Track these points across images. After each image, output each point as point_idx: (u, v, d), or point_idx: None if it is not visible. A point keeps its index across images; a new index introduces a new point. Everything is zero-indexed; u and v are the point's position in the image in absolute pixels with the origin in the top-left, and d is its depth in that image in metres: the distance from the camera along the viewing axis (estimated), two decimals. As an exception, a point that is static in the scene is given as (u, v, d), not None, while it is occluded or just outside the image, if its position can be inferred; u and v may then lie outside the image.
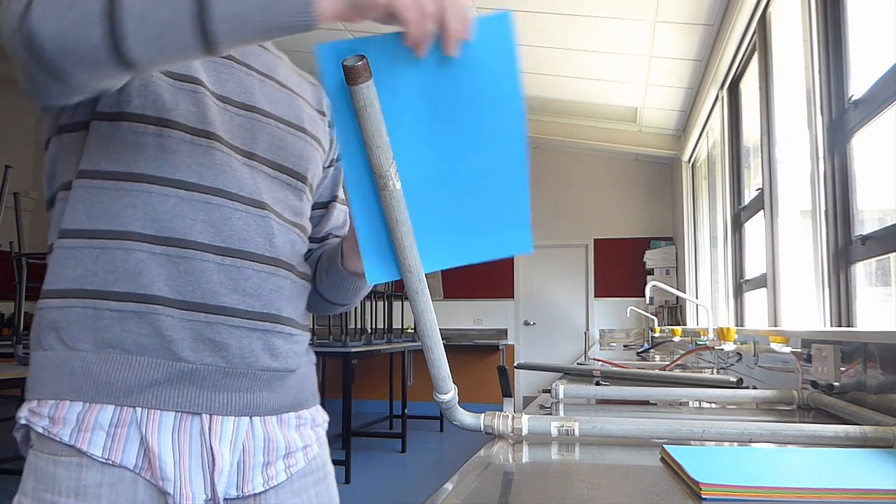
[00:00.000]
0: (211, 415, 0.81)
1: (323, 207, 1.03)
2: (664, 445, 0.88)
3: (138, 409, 0.77)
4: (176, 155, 0.80)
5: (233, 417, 0.82)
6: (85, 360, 0.77)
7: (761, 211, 3.16)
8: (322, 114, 1.02)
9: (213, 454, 0.80)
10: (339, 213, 1.05)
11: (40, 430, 0.77)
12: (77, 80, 0.69)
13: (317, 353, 1.00)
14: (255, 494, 0.85)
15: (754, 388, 1.60)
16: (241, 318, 0.82)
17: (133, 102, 0.79)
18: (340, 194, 1.06)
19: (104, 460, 0.76)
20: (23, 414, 0.79)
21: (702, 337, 3.23)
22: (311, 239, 1.01)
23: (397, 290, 6.33)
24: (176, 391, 0.79)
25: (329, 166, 1.03)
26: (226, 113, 0.85)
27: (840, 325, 2.08)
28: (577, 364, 2.24)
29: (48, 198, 0.85)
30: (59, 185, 0.83)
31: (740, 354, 2.38)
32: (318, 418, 0.96)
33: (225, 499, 0.82)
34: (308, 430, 0.93)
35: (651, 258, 7.24)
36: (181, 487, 0.78)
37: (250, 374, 0.83)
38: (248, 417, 0.84)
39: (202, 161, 0.81)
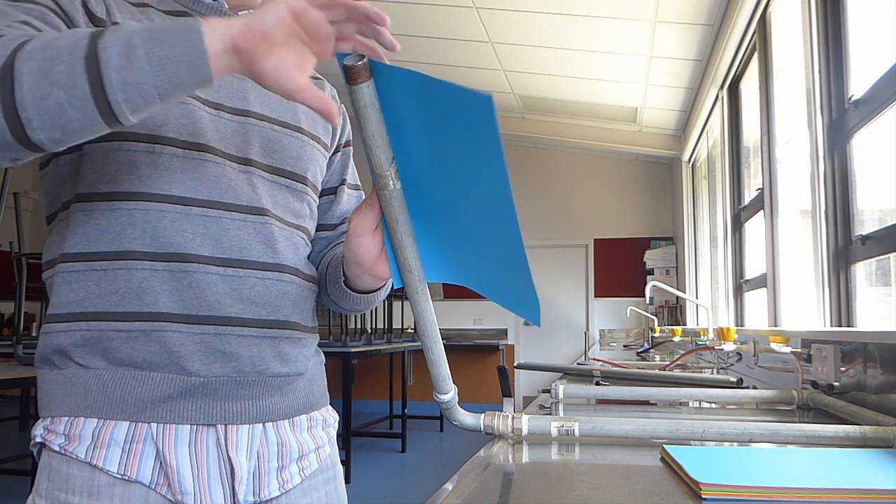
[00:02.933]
0: (226, 425, 0.81)
1: (332, 193, 1.02)
2: (664, 445, 0.88)
3: (153, 425, 0.78)
4: (169, 171, 0.80)
5: (247, 425, 0.82)
6: (100, 378, 0.77)
7: (761, 211, 3.16)
8: None
9: (231, 463, 0.80)
10: (350, 198, 1.04)
11: (56, 448, 0.77)
12: None
13: (317, 354, 0.99)
14: (270, 499, 0.85)
15: (754, 388, 1.61)
16: (248, 327, 0.82)
17: None
18: (349, 179, 1.04)
19: (119, 476, 0.76)
20: (38, 432, 0.79)
21: (702, 337, 3.23)
22: (323, 227, 1.00)
23: (397, 290, 6.32)
24: (190, 405, 0.79)
25: (336, 152, 1.02)
26: (219, 120, 0.84)
27: (840, 325, 2.08)
28: (577, 364, 2.24)
29: (48, 215, 0.85)
30: (60, 205, 0.83)
31: (740, 354, 2.38)
32: (328, 419, 0.96)
33: None
34: (319, 431, 0.93)
35: (651, 258, 7.24)
36: (201, 499, 0.79)
37: (261, 381, 0.84)
38: (261, 424, 0.84)
39: (196, 174, 0.81)
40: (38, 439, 0.79)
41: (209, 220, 0.81)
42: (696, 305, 5.78)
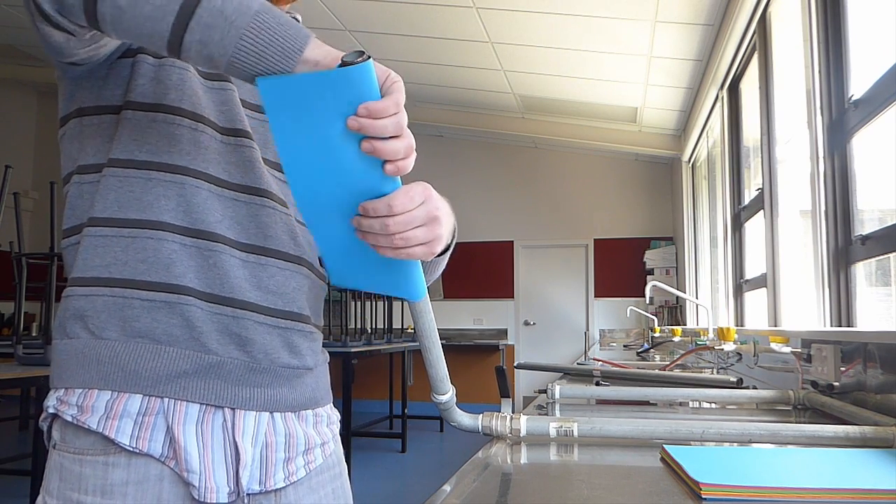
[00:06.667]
0: (234, 409, 0.82)
1: None
2: (664, 445, 0.88)
3: (166, 400, 0.78)
4: (208, 150, 0.82)
5: (254, 412, 0.83)
6: (113, 349, 0.78)
7: (761, 211, 3.16)
8: None
9: (236, 448, 0.81)
10: None
11: (69, 419, 0.77)
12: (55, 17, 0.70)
13: (317, 353, 1.00)
14: (276, 490, 0.85)
15: (754, 388, 1.61)
16: (264, 314, 0.83)
17: (170, 95, 0.81)
18: None
19: (131, 448, 0.76)
20: (51, 403, 0.79)
21: (702, 337, 3.23)
22: None
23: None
24: (202, 383, 0.79)
25: None
26: (248, 119, 0.88)
27: (840, 325, 2.08)
28: (577, 364, 2.24)
29: (63, 175, 0.86)
30: (76, 167, 0.84)
31: (740, 354, 2.38)
32: (332, 416, 0.98)
33: (248, 493, 0.82)
34: (324, 427, 0.94)
35: (651, 258, 7.24)
36: (206, 480, 0.79)
37: (272, 370, 0.85)
38: (268, 413, 0.85)
39: (231, 159, 0.83)
40: (52, 410, 0.79)
41: (238, 205, 0.83)
42: (696, 305, 5.78)
